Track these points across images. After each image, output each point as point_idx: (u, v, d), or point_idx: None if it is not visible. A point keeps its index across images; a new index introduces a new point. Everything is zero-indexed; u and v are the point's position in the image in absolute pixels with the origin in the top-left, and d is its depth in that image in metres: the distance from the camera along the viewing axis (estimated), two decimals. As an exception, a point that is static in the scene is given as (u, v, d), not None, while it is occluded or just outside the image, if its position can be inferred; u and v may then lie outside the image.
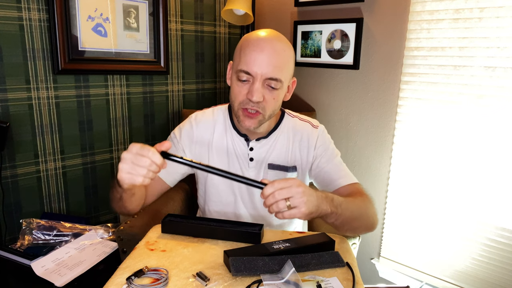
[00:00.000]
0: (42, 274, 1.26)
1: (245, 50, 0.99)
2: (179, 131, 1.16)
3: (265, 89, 0.99)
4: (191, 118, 1.18)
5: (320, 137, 1.14)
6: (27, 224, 1.50)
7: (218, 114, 1.17)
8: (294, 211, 0.79)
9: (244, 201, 1.15)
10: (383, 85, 1.76)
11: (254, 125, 1.02)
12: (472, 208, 1.56)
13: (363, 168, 1.89)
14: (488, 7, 1.42)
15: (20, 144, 1.55)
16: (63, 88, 1.63)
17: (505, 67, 1.42)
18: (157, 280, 0.75)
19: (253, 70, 0.97)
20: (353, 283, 0.77)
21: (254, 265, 0.78)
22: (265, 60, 0.97)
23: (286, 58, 1.00)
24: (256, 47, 0.98)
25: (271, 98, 1.01)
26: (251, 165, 1.12)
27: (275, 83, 0.99)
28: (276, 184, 0.79)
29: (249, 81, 0.99)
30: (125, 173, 0.79)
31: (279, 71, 0.98)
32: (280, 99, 1.05)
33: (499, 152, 1.47)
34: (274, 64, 0.97)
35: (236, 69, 1.01)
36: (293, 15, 2.05)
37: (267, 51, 0.97)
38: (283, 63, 0.99)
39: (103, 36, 1.69)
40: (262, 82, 0.98)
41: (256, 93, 0.97)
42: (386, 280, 1.89)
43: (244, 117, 1.02)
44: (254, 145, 1.12)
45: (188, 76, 2.09)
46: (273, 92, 1.00)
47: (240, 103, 1.01)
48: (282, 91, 1.03)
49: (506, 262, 1.50)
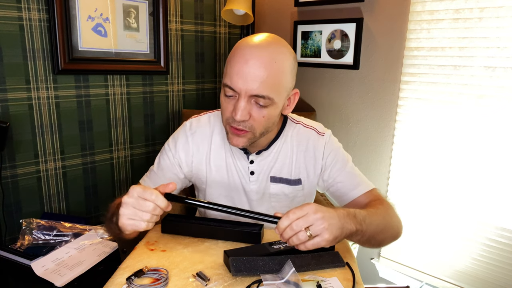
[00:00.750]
0: (42, 274, 1.26)
1: (231, 60, 0.88)
2: (174, 144, 1.06)
3: (252, 105, 0.88)
4: (185, 127, 1.07)
5: (327, 145, 1.04)
6: (27, 224, 1.50)
7: (215, 122, 1.07)
8: (318, 239, 0.72)
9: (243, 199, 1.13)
10: (383, 85, 1.76)
11: (242, 144, 0.93)
12: (472, 208, 1.56)
13: (363, 168, 1.89)
14: (488, 7, 1.42)
15: (20, 144, 1.55)
16: (63, 88, 1.63)
17: (505, 67, 1.42)
18: (157, 280, 0.75)
19: (237, 86, 0.85)
20: (353, 283, 0.77)
21: (254, 265, 0.78)
22: (250, 74, 0.84)
23: (277, 71, 0.86)
24: (241, 58, 0.85)
25: (259, 117, 0.89)
26: (252, 179, 1.04)
27: (263, 100, 0.86)
28: (291, 215, 0.72)
29: (235, 96, 0.88)
30: (127, 219, 0.73)
31: (266, 87, 0.85)
32: (273, 117, 0.92)
33: (499, 152, 1.47)
34: (260, 79, 0.84)
35: (223, 82, 0.90)
36: (293, 15, 2.05)
37: (252, 63, 0.84)
38: (272, 77, 0.85)
39: (103, 36, 1.69)
40: (247, 99, 0.86)
41: (240, 112, 0.86)
42: (386, 280, 1.89)
43: (232, 135, 0.93)
44: (254, 158, 1.03)
45: (188, 76, 2.09)
46: (262, 110, 0.88)
47: (226, 120, 0.92)
48: (274, 109, 0.90)
49: (506, 262, 1.50)
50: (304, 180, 1.05)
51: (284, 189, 1.05)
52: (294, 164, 1.04)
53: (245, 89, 0.85)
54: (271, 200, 1.06)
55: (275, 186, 1.05)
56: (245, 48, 0.87)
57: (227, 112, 0.90)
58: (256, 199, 1.06)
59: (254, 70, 0.84)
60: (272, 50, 0.87)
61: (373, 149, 1.84)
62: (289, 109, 0.98)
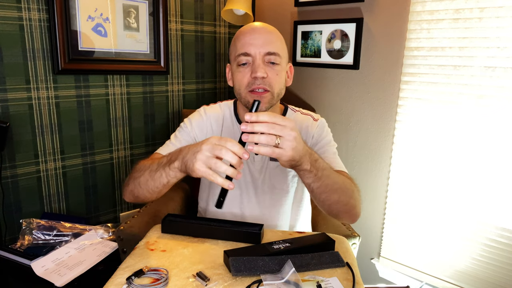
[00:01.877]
0: (42, 274, 1.26)
1: (240, 37, 1.04)
2: (190, 122, 1.17)
3: (266, 66, 1.02)
4: (200, 110, 1.20)
5: (318, 128, 1.16)
6: (27, 224, 1.50)
7: (225, 108, 1.19)
8: (279, 151, 0.76)
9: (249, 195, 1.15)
10: (383, 85, 1.76)
11: (265, 105, 1.03)
12: (472, 208, 1.56)
13: (363, 168, 1.89)
14: (488, 7, 1.42)
15: (20, 144, 1.55)
16: (63, 88, 1.63)
17: (505, 67, 1.42)
18: (157, 280, 0.75)
19: (251, 50, 1.01)
20: (353, 283, 0.77)
21: (254, 265, 0.78)
22: (261, 38, 1.02)
23: (279, 37, 1.06)
24: (249, 31, 1.04)
25: (274, 74, 1.03)
26: (257, 158, 1.14)
27: (274, 57, 1.02)
28: (273, 117, 0.75)
29: (249, 63, 1.03)
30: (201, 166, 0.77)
31: (275, 45, 1.03)
32: (283, 76, 1.07)
33: (499, 152, 1.47)
34: (269, 40, 1.02)
35: (234, 56, 1.05)
36: (293, 15, 2.05)
37: (260, 31, 1.03)
38: (277, 39, 1.05)
39: (103, 36, 1.69)
40: (262, 59, 1.02)
41: (259, 69, 1.00)
42: (386, 280, 1.89)
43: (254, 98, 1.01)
44: None
45: (188, 76, 2.09)
46: (275, 67, 1.03)
47: (246, 86, 1.03)
48: (282, 68, 1.06)
49: (506, 262, 1.50)
50: None
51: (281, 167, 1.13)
52: None
53: (259, 50, 1.01)
54: (271, 178, 1.15)
55: (274, 164, 1.14)
56: (250, 26, 1.06)
57: (245, 78, 1.03)
58: (258, 177, 1.14)
59: (263, 35, 1.03)
60: (271, 26, 1.08)
61: (373, 149, 1.84)
62: (290, 80, 1.13)
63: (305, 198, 1.21)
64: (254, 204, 1.15)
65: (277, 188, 1.15)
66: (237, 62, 1.04)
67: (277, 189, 1.15)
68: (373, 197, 1.87)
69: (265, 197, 1.15)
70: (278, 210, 1.15)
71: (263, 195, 1.15)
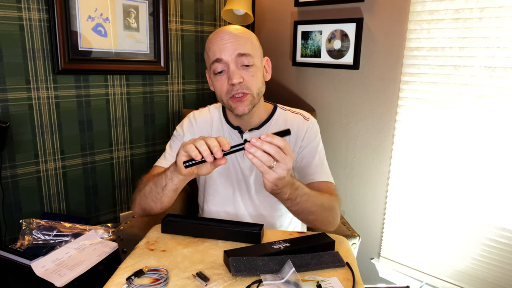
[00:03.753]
0: (42, 274, 1.26)
1: (209, 45, 1.06)
2: (181, 129, 1.20)
3: (240, 70, 1.04)
4: (190, 116, 1.23)
5: (309, 129, 1.17)
6: (27, 224, 1.50)
7: (214, 111, 1.22)
8: (270, 174, 0.80)
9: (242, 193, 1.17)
10: (383, 85, 1.76)
11: (247, 107, 1.05)
12: (472, 208, 1.56)
13: (363, 168, 1.89)
14: (488, 7, 1.42)
15: (20, 144, 1.55)
16: (63, 88, 1.63)
17: (505, 67, 1.42)
18: (157, 280, 0.75)
19: (222, 55, 1.03)
20: (353, 283, 0.77)
21: (254, 265, 0.78)
22: (230, 42, 1.03)
23: (247, 36, 1.06)
24: (218, 37, 1.05)
25: (249, 76, 1.05)
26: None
27: (247, 58, 1.03)
28: (279, 141, 0.79)
29: (224, 70, 1.04)
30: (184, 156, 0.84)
31: (245, 46, 1.04)
32: (259, 76, 1.08)
33: (499, 152, 1.47)
34: (238, 42, 1.03)
35: (209, 64, 1.07)
36: (293, 15, 2.05)
37: (227, 36, 1.04)
38: (246, 40, 1.05)
39: (103, 36, 1.69)
40: (235, 64, 1.03)
41: (234, 75, 1.02)
42: (386, 280, 1.89)
43: (235, 104, 1.05)
44: (247, 136, 1.15)
45: (188, 76, 2.09)
46: (249, 69, 1.04)
47: (226, 93, 1.05)
48: (258, 68, 1.07)
49: (506, 262, 1.50)
50: None
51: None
52: None
53: (230, 54, 1.02)
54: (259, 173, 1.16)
55: None
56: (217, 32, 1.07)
57: (224, 86, 1.05)
58: (249, 174, 1.16)
59: (232, 38, 1.03)
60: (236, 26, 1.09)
61: (373, 149, 1.84)
62: (268, 75, 1.14)
63: None
64: (247, 201, 1.18)
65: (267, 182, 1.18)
66: (213, 71, 1.06)
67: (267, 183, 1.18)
68: (373, 197, 1.87)
69: (258, 195, 1.17)
70: (271, 206, 1.17)
71: (255, 192, 1.17)
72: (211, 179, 1.18)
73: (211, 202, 1.20)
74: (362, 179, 1.89)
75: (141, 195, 1.02)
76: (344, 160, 1.94)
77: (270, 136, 0.78)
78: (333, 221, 1.04)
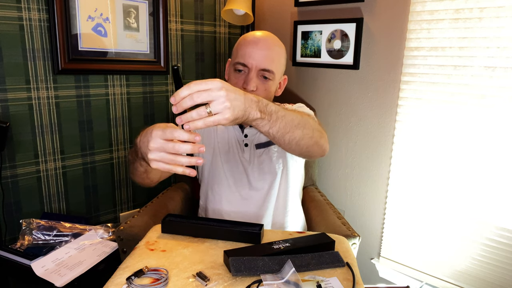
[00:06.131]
0: (42, 274, 1.26)
1: (242, 45, 1.12)
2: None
3: (259, 79, 1.10)
4: None
5: (296, 105, 1.26)
6: (27, 224, 1.50)
7: None
8: (218, 117, 0.70)
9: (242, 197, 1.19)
10: (383, 85, 1.76)
11: None
12: (472, 208, 1.56)
13: (363, 168, 1.89)
14: (488, 7, 1.42)
15: (20, 144, 1.55)
16: (63, 88, 1.63)
17: (505, 67, 1.42)
18: (157, 280, 0.75)
19: (249, 62, 1.09)
20: (353, 283, 0.77)
21: (254, 265, 0.78)
22: (260, 53, 1.08)
23: (278, 53, 1.13)
24: (252, 42, 1.10)
25: (263, 89, 1.11)
26: (246, 149, 1.25)
27: (268, 74, 1.10)
28: (192, 85, 0.69)
29: (245, 72, 1.11)
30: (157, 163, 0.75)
31: (271, 63, 1.10)
32: (272, 92, 1.15)
33: (499, 152, 1.47)
34: (267, 57, 1.09)
35: (233, 62, 1.13)
36: (293, 15, 2.05)
37: (261, 45, 1.09)
38: (275, 57, 1.11)
39: (103, 36, 1.69)
40: (256, 73, 1.09)
41: (251, 82, 1.08)
42: (386, 280, 1.89)
43: None
44: (248, 132, 1.24)
45: (188, 76, 2.09)
46: (266, 83, 1.11)
47: None
48: (274, 84, 1.14)
49: (506, 262, 1.50)
50: None
51: (266, 151, 1.23)
52: None
53: (256, 64, 1.08)
54: (260, 163, 1.24)
55: (260, 151, 1.23)
56: (254, 36, 1.12)
57: (237, 85, 1.09)
58: (248, 165, 1.24)
59: (263, 50, 1.09)
60: (274, 38, 1.15)
61: (373, 149, 1.84)
62: (280, 91, 1.23)
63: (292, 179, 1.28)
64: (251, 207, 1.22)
65: (266, 173, 1.24)
66: (234, 67, 1.13)
67: (267, 174, 1.24)
68: (373, 197, 1.87)
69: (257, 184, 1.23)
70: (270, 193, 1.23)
71: (255, 182, 1.23)
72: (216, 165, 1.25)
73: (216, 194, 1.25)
74: (362, 179, 1.89)
75: (131, 170, 0.98)
76: (344, 160, 1.94)
77: (175, 94, 0.70)
78: (322, 137, 0.97)
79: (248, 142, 1.24)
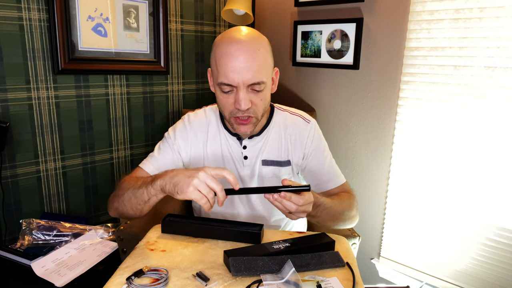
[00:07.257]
0: (42, 274, 1.26)
1: (220, 61, 0.94)
2: (173, 133, 1.15)
3: (250, 93, 0.97)
4: (184, 119, 1.17)
5: (310, 133, 1.13)
6: (27, 224, 1.50)
7: (210, 114, 1.16)
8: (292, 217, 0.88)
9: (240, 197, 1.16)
10: (383, 85, 1.76)
11: (249, 129, 1.03)
12: (472, 208, 1.56)
13: (363, 168, 1.89)
14: (488, 7, 1.42)
15: (20, 144, 1.55)
16: (63, 88, 1.63)
17: (505, 67, 1.42)
18: (157, 280, 0.75)
19: (234, 81, 0.94)
20: (353, 283, 0.77)
21: (254, 265, 0.78)
22: (243, 67, 0.92)
23: (263, 57, 0.96)
24: (230, 56, 0.93)
25: (258, 100, 0.99)
26: (246, 163, 1.13)
27: (259, 86, 0.96)
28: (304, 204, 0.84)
29: (232, 91, 0.97)
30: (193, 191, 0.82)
31: (259, 74, 0.94)
32: (268, 97, 1.03)
33: (499, 152, 1.47)
34: (252, 69, 0.93)
35: (216, 82, 0.98)
36: (293, 15, 2.05)
37: (242, 57, 0.92)
38: (261, 64, 0.95)
39: (103, 36, 1.69)
40: (245, 89, 0.95)
41: (243, 102, 0.95)
42: (386, 280, 1.89)
43: (238, 125, 1.02)
44: (247, 143, 1.12)
45: (188, 76, 2.09)
46: (259, 94, 0.98)
47: (230, 113, 1.00)
48: (267, 90, 1.01)
49: (506, 262, 1.50)
50: (292, 162, 1.14)
51: (275, 171, 1.13)
52: (283, 147, 1.13)
53: (242, 81, 0.94)
54: (264, 182, 1.14)
55: (266, 169, 1.13)
56: (229, 45, 0.94)
57: (229, 106, 0.99)
58: (249, 182, 1.14)
59: (246, 63, 0.93)
60: (253, 40, 0.96)
61: (373, 149, 1.84)
62: (275, 87, 1.07)
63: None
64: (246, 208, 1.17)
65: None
66: (219, 88, 0.98)
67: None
68: (373, 197, 1.87)
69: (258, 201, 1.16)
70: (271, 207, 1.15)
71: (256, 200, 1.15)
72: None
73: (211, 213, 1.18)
74: (362, 179, 1.89)
75: (119, 201, 0.99)
76: (344, 160, 1.94)
77: (288, 195, 0.82)
78: (352, 221, 1.12)
79: (248, 155, 1.12)
